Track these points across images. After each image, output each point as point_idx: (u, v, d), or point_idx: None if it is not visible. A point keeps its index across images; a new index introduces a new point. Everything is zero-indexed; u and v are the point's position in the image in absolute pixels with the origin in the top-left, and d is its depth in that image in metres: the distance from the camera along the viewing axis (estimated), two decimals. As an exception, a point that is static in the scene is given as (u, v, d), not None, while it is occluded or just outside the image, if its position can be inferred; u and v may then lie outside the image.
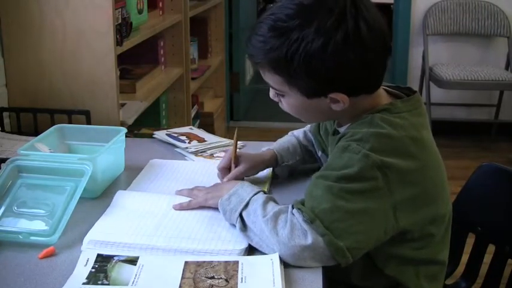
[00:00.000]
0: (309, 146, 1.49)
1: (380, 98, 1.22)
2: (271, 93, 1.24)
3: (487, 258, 1.46)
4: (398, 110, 1.19)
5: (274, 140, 1.52)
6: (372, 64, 1.15)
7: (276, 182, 1.46)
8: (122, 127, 1.54)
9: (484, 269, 1.47)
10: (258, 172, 1.44)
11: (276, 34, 1.13)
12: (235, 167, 1.39)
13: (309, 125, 1.50)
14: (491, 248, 1.46)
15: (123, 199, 1.32)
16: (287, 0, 1.15)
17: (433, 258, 1.24)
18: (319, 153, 1.46)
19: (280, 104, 1.25)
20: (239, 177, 1.37)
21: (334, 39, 1.10)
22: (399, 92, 1.26)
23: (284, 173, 1.48)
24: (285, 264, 1.09)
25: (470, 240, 1.50)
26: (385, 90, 1.26)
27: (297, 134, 1.51)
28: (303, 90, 1.17)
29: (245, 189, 1.22)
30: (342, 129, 1.25)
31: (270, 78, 1.19)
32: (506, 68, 4.01)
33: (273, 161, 1.46)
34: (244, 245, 1.15)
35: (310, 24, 1.10)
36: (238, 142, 1.44)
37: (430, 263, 1.24)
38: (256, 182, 1.38)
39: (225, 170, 1.40)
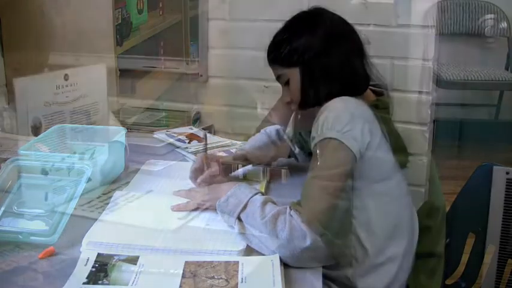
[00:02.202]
0: (279, 143, 1.51)
1: (368, 97, 1.30)
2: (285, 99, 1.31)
3: (487, 258, 1.46)
4: (385, 105, 1.28)
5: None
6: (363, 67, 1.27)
7: (274, 181, 1.46)
8: (121, 127, 1.54)
9: (484, 269, 1.47)
10: (230, 173, 1.46)
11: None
12: (208, 168, 1.39)
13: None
14: (491, 248, 1.46)
15: (121, 200, 1.32)
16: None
17: (430, 251, 1.26)
18: (297, 150, 1.47)
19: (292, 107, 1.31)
20: (212, 178, 1.38)
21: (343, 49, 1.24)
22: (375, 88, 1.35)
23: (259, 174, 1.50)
24: (284, 265, 1.09)
25: (470, 240, 1.50)
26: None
27: (269, 132, 1.53)
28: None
29: (243, 191, 1.22)
30: None
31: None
32: (506, 68, 4.00)
33: (244, 161, 1.47)
34: (242, 246, 1.15)
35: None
36: (239, 142, 1.44)
37: (427, 256, 1.26)
38: (252, 181, 1.39)
39: (198, 172, 1.40)
